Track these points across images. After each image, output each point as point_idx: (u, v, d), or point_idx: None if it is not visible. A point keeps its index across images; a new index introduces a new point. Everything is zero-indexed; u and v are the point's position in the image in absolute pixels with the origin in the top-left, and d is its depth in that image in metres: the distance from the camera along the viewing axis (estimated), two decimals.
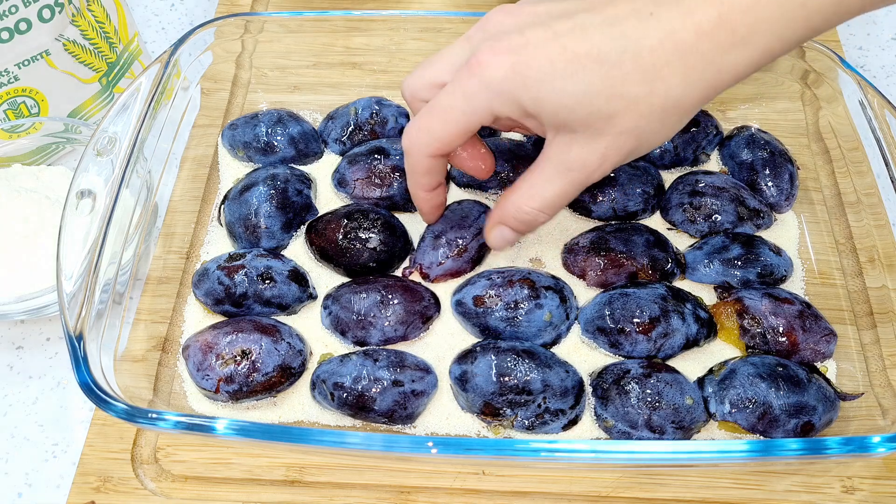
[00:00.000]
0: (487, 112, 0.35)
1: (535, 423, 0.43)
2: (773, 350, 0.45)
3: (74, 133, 0.56)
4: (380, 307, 0.46)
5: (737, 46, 0.31)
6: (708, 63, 0.31)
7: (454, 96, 0.36)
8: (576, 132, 0.35)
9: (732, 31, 0.31)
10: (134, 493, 0.43)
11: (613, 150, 0.35)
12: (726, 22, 0.30)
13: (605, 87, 0.32)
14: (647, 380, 0.43)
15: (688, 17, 0.31)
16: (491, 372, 0.42)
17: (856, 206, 0.52)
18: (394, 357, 0.43)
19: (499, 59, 0.34)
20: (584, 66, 0.32)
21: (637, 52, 0.32)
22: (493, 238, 0.42)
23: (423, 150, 0.39)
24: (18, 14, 0.52)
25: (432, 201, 0.44)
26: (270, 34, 0.57)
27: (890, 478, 0.44)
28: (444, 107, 0.36)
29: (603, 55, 0.32)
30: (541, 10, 0.35)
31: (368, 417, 0.43)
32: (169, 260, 0.51)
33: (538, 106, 0.34)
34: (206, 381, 0.44)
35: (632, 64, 0.32)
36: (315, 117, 0.59)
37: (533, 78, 0.33)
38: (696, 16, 0.31)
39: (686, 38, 0.31)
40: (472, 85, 0.35)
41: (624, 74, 0.32)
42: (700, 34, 0.31)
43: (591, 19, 0.33)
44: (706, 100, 0.33)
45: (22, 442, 0.47)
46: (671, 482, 0.44)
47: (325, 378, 0.43)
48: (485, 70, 0.34)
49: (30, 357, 0.51)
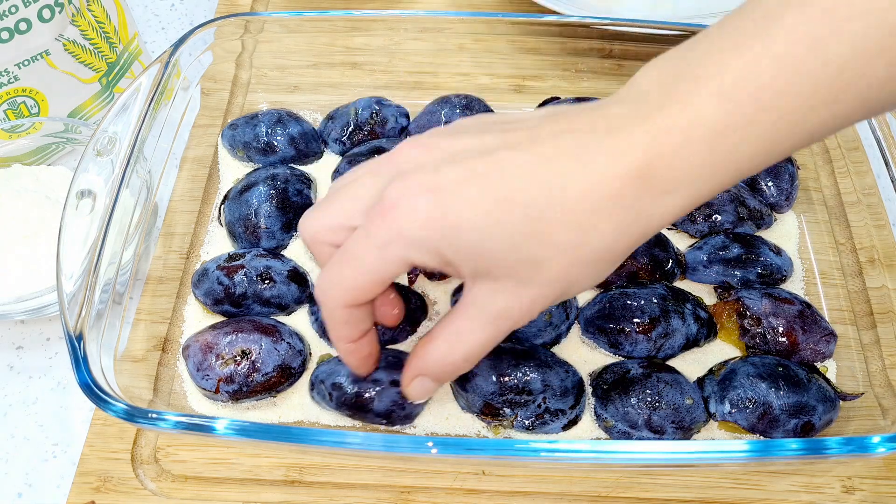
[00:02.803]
0: (402, 262, 0.32)
1: (535, 423, 0.43)
2: (773, 350, 0.45)
3: (74, 133, 0.56)
4: None
5: (667, 193, 0.29)
6: (638, 211, 0.29)
7: (366, 245, 0.32)
8: (500, 280, 0.32)
9: (661, 176, 0.29)
10: (134, 493, 0.43)
11: (541, 298, 0.32)
12: (655, 169, 0.29)
13: (530, 235, 0.30)
14: (647, 380, 0.43)
15: (617, 163, 0.29)
16: (491, 372, 0.42)
17: (856, 206, 0.52)
18: (392, 357, 0.43)
19: (413, 204, 0.31)
20: (507, 213, 0.30)
21: (563, 200, 0.29)
22: (414, 391, 0.37)
23: (337, 302, 0.35)
24: (18, 14, 0.52)
25: (360, 352, 0.38)
26: (270, 34, 0.57)
27: (890, 478, 0.44)
28: (356, 256, 0.33)
29: (527, 201, 0.30)
30: (457, 144, 0.32)
31: (366, 418, 0.43)
32: (169, 260, 0.51)
33: (459, 255, 0.31)
34: (205, 381, 0.44)
35: (558, 213, 0.29)
36: (315, 117, 0.59)
37: (452, 225, 0.30)
38: (625, 160, 0.29)
39: (614, 185, 0.29)
40: (385, 233, 0.31)
41: (552, 222, 0.30)
42: (627, 181, 0.29)
43: (511, 159, 0.30)
44: (636, 245, 0.31)
45: (22, 442, 0.47)
46: (671, 482, 0.44)
47: (323, 378, 0.43)
48: (399, 217, 0.31)
49: (30, 357, 0.51)
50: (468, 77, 0.61)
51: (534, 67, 0.61)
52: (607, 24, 0.55)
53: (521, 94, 0.61)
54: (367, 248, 0.32)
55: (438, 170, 0.31)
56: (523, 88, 0.61)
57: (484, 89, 0.60)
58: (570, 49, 0.58)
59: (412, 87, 0.60)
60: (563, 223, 0.30)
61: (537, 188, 0.30)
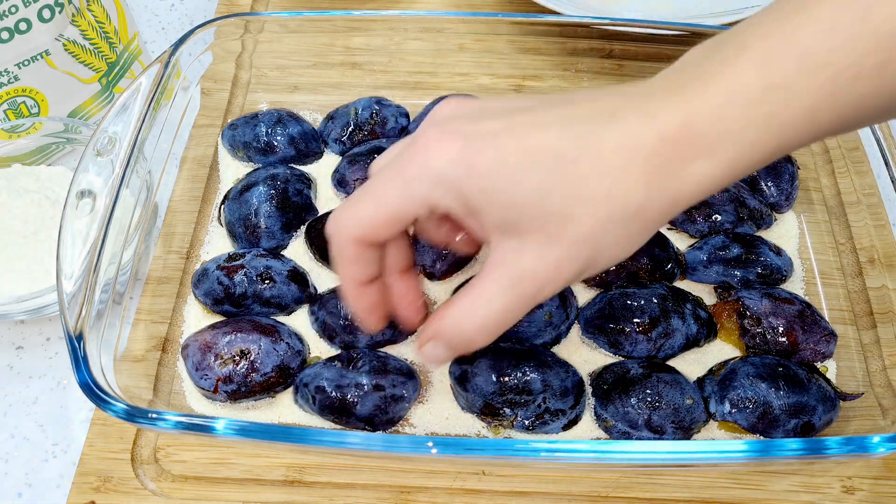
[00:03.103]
0: (425, 201, 0.31)
1: (535, 423, 0.43)
2: (773, 350, 0.45)
3: (74, 133, 0.56)
4: None
5: (701, 156, 0.29)
6: (670, 171, 0.29)
7: (390, 178, 0.32)
8: (525, 236, 0.30)
9: (696, 139, 0.28)
10: (134, 493, 0.43)
11: (567, 261, 0.30)
12: (690, 129, 0.28)
13: (561, 184, 0.29)
14: (647, 380, 0.43)
15: (651, 121, 0.29)
16: (491, 372, 0.42)
17: (856, 206, 0.52)
18: (376, 361, 0.44)
19: (445, 144, 0.30)
20: (539, 161, 0.29)
21: (597, 152, 0.29)
22: (426, 354, 0.35)
23: (348, 233, 0.33)
24: (18, 14, 0.52)
25: (367, 298, 0.36)
26: (270, 34, 0.57)
27: (890, 478, 0.44)
28: (378, 189, 0.32)
29: (561, 151, 0.29)
30: (495, 104, 0.33)
31: (349, 422, 0.43)
32: (169, 260, 0.51)
33: (485, 200, 0.30)
34: (204, 380, 0.44)
35: (590, 163, 0.29)
36: (315, 117, 0.59)
37: (482, 168, 0.30)
38: (659, 120, 0.29)
39: (648, 142, 0.29)
40: (412, 168, 0.31)
41: (582, 173, 0.29)
42: (663, 140, 0.28)
43: (548, 115, 0.30)
44: (669, 213, 0.30)
45: (22, 442, 0.47)
46: (671, 482, 0.44)
47: (307, 382, 0.43)
48: (428, 153, 0.30)
49: (30, 357, 0.51)
50: (468, 77, 0.61)
51: (534, 67, 0.61)
52: (607, 24, 0.55)
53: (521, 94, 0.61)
54: (390, 182, 0.32)
55: (473, 119, 0.31)
56: (523, 88, 0.61)
57: (484, 89, 0.60)
58: (570, 49, 0.58)
59: (412, 87, 0.60)
60: (594, 175, 0.29)
61: (571, 139, 0.29)
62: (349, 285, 0.36)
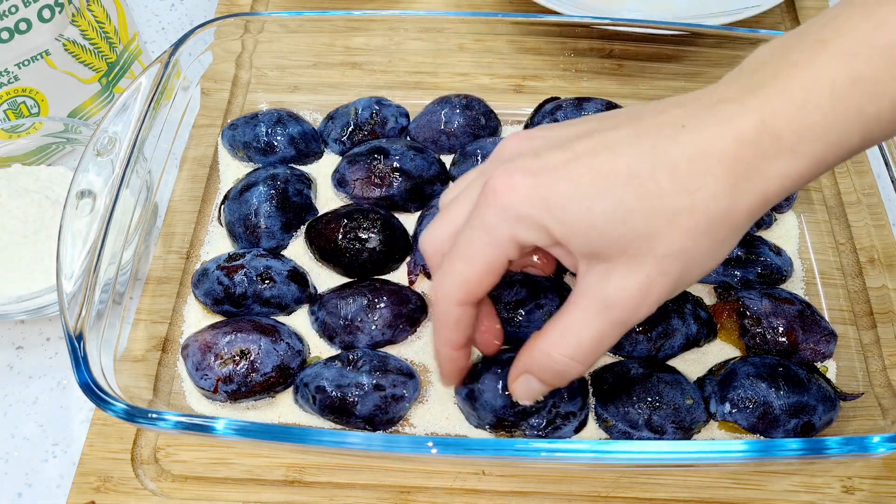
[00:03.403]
0: (512, 242, 0.31)
1: (548, 428, 0.42)
2: (773, 350, 0.45)
3: (74, 133, 0.56)
4: (366, 311, 0.46)
5: (784, 154, 0.28)
6: (753, 173, 0.28)
7: (473, 231, 0.32)
8: (612, 259, 0.30)
9: (778, 137, 0.28)
10: (134, 493, 0.43)
11: (658, 279, 0.30)
12: (770, 128, 0.28)
13: (640, 203, 0.29)
14: (647, 380, 0.43)
15: (726, 126, 0.28)
16: (498, 386, 0.41)
17: (856, 206, 0.52)
18: (377, 361, 0.44)
19: (515, 182, 0.30)
20: (613, 183, 0.29)
21: (673, 165, 0.28)
22: (519, 390, 0.35)
23: (451, 297, 0.33)
24: (18, 14, 0.52)
25: (458, 362, 0.37)
26: (270, 34, 0.57)
27: (890, 478, 0.44)
28: (466, 246, 0.32)
29: (633, 170, 0.29)
30: (556, 133, 0.32)
31: (350, 422, 0.43)
32: (169, 260, 0.51)
33: (565, 230, 0.30)
34: (204, 380, 0.44)
35: (668, 177, 0.28)
36: (315, 117, 0.59)
37: (556, 200, 0.29)
38: (735, 123, 0.28)
39: (726, 147, 0.28)
40: (491, 215, 0.31)
41: (660, 188, 0.28)
42: (741, 142, 0.28)
43: (613, 136, 0.30)
44: (756, 215, 0.29)
45: (22, 442, 0.47)
46: (671, 482, 0.44)
47: (307, 382, 0.43)
48: (501, 196, 0.30)
49: (30, 357, 0.51)
50: (468, 77, 0.61)
51: (534, 67, 0.61)
52: (607, 24, 0.55)
53: (520, 94, 0.61)
54: (475, 235, 0.32)
55: (539, 154, 0.31)
56: (523, 88, 0.61)
57: (484, 89, 0.60)
58: (570, 49, 0.58)
59: (412, 87, 0.60)
60: (671, 189, 0.28)
61: (642, 156, 0.29)
62: (446, 349, 0.36)
